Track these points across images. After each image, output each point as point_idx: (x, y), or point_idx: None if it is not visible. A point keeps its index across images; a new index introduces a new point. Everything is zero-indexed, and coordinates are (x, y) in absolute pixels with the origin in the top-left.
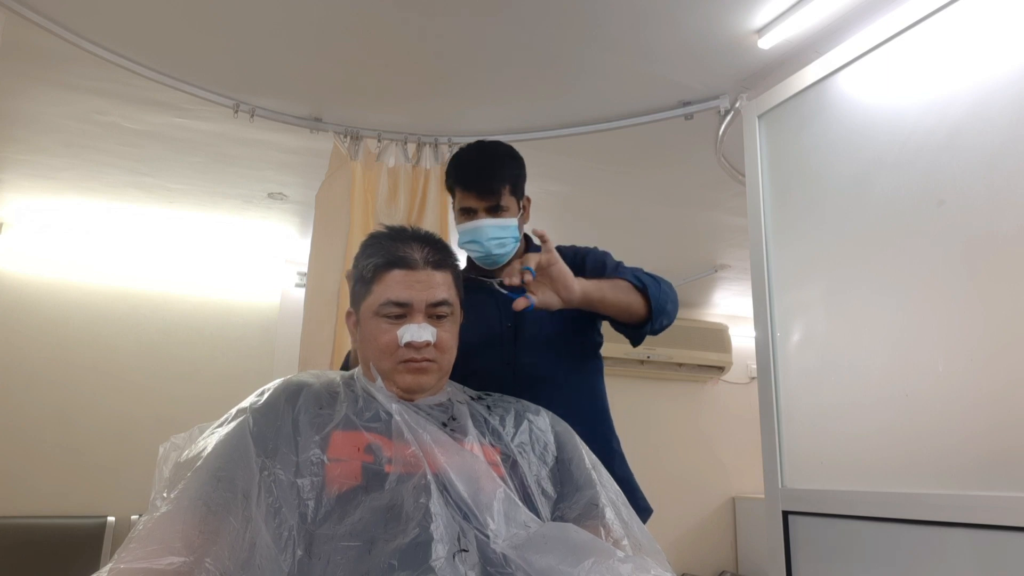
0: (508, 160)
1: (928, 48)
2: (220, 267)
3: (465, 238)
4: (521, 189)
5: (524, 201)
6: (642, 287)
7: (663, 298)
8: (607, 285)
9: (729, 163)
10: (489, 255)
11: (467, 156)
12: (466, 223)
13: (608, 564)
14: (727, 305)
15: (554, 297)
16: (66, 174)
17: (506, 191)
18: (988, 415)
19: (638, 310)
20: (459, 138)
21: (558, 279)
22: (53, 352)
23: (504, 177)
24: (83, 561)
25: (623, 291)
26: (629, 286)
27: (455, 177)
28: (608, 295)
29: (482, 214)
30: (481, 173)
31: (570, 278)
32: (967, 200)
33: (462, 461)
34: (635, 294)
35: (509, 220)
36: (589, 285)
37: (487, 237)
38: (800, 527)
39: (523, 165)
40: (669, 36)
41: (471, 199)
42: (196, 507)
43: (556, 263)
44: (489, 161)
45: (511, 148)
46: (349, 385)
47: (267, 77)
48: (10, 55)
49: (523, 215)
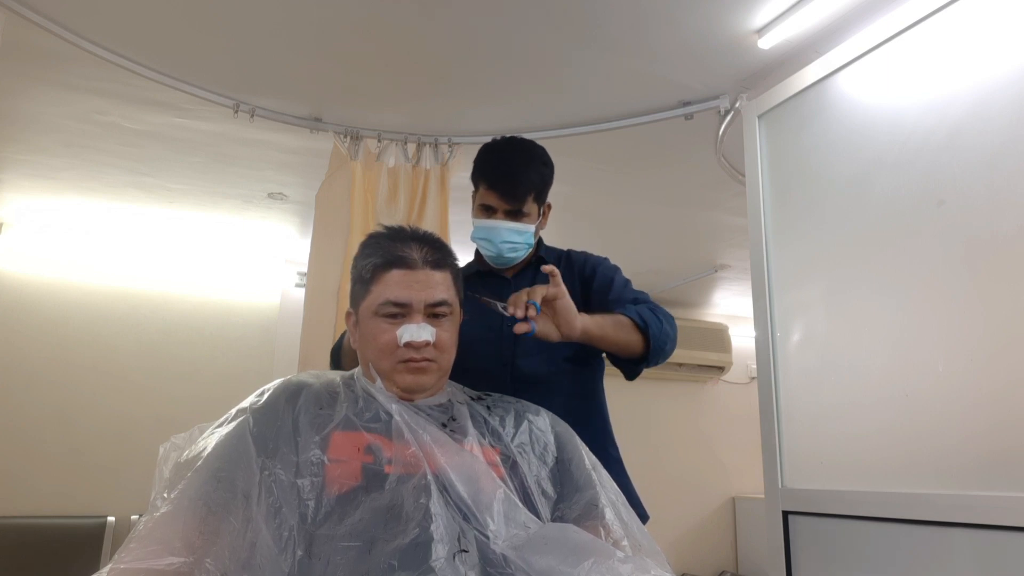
0: (539, 166)
1: (928, 48)
2: (220, 267)
3: (479, 234)
4: (545, 195)
5: (545, 207)
6: (644, 326)
7: (663, 338)
8: (609, 323)
9: (729, 163)
10: (500, 256)
11: (498, 154)
12: (484, 220)
13: (608, 564)
14: (727, 305)
15: (554, 330)
16: (66, 174)
17: (530, 198)
18: (988, 415)
19: (636, 348)
20: (459, 138)
21: (561, 314)
22: (53, 352)
23: (531, 184)
24: (83, 561)
25: (624, 329)
26: (631, 325)
27: (482, 172)
28: (609, 333)
29: (502, 215)
30: (509, 176)
31: (573, 315)
32: (967, 200)
33: (462, 461)
34: (635, 333)
35: (527, 226)
36: (590, 322)
37: (501, 239)
38: (800, 527)
39: (552, 171)
40: (669, 36)
41: (493, 198)
42: (196, 507)
43: (562, 298)
44: (519, 165)
45: (543, 153)
46: (349, 385)
47: (267, 77)
48: (10, 55)
49: (542, 220)
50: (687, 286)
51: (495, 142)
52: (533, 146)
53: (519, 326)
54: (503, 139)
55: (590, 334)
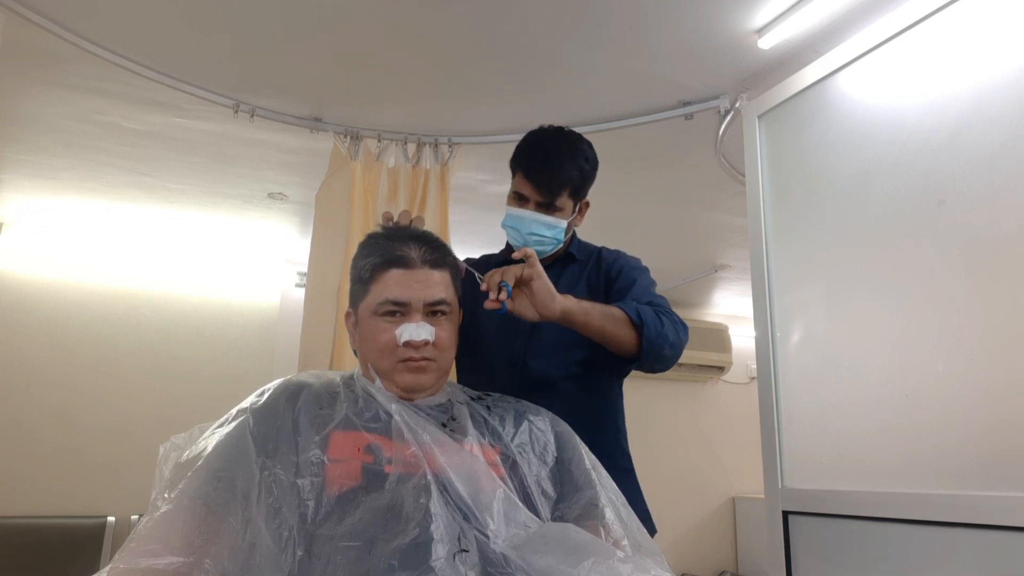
0: (580, 161)
1: (928, 48)
2: (220, 267)
3: (508, 222)
4: (584, 192)
5: (582, 204)
6: (639, 323)
7: (660, 341)
8: (598, 312)
9: (729, 163)
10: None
11: (539, 143)
12: (515, 209)
13: (608, 564)
14: (727, 305)
15: (531, 310)
16: (66, 174)
17: (565, 193)
18: (988, 415)
19: (626, 346)
20: (459, 138)
21: (536, 294)
22: (53, 352)
23: (568, 179)
24: (83, 561)
25: (613, 322)
26: (624, 319)
27: (520, 161)
28: (594, 321)
29: (533, 206)
30: (545, 168)
31: (548, 296)
32: (967, 200)
33: (462, 461)
34: (627, 329)
35: (558, 220)
36: (573, 305)
37: (529, 230)
38: (800, 527)
39: (595, 167)
40: (669, 36)
41: (527, 187)
42: (196, 507)
43: (537, 279)
44: (558, 157)
45: (588, 148)
46: (349, 385)
47: (267, 77)
48: (10, 55)
49: (577, 217)
50: (687, 286)
51: (540, 129)
52: (578, 139)
53: (488, 302)
54: (550, 128)
55: (572, 317)
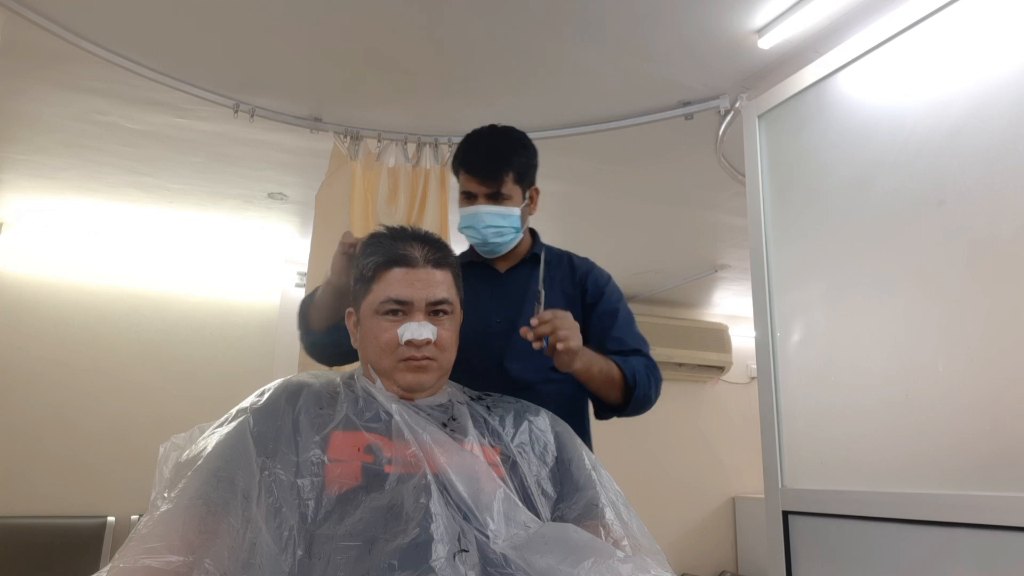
0: (517, 147)
1: (928, 48)
2: (220, 267)
3: (463, 223)
4: (529, 178)
5: (531, 191)
6: (632, 386)
7: (644, 401)
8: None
9: (729, 163)
10: (486, 243)
11: (475, 138)
12: (466, 207)
13: (608, 564)
14: (727, 305)
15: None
16: (66, 174)
17: (509, 179)
18: (988, 415)
19: (614, 399)
20: (459, 138)
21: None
22: (53, 352)
23: (509, 164)
24: (83, 561)
25: (609, 383)
26: (621, 382)
27: (460, 159)
28: (595, 378)
29: (483, 200)
30: (485, 157)
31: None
32: (967, 200)
33: (462, 461)
34: (619, 389)
35: (511, 209)
36: (581, 368)
37: (484, 224)
38: (800, 527)
39: (534, 154)
40: (669, 36)
41: (473, 183)
42: (196, 506)
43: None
44: (495, 146)
45: (523, 136)
46: (349, 385)
47: (267, 77)
48: (10, 55)
49: (529, 205)
50: (687, 286)
51: (473, 131)
52: (510, 130)
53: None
54: (483, 127)
55: (576, 373)
